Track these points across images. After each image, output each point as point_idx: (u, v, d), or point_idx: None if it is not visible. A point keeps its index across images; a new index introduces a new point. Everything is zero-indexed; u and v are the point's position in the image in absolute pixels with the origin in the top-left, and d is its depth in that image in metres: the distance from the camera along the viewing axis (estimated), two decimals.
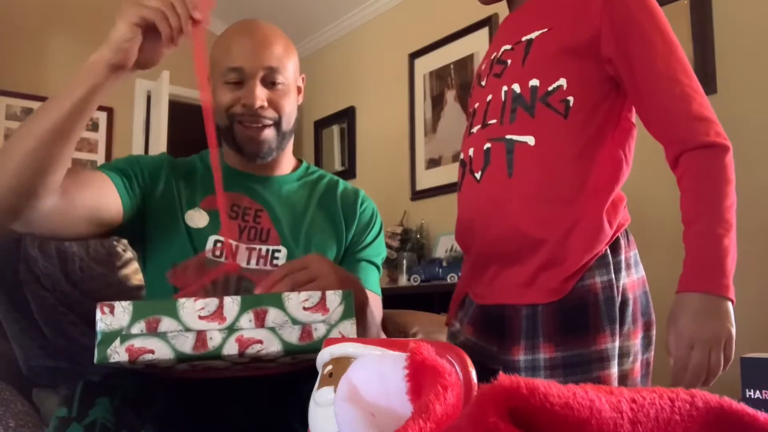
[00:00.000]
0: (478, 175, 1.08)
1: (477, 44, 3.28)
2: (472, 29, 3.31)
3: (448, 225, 3.27)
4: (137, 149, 4.22)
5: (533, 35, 1.06)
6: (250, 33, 1.17)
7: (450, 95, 3.43)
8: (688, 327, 0.88)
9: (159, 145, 3.92)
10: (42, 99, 3.93)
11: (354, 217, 1.23)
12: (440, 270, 2.91)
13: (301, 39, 4.49)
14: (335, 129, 4.26)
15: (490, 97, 1.10)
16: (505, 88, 1.07)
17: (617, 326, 0.97)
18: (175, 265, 1.10)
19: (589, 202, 1.01)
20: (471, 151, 1.11)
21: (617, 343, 0.97)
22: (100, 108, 4.13)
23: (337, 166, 4.19)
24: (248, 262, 1.11)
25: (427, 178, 3.48)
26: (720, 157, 0.95)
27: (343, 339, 0.54)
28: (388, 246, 3.32)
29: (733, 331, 0.88)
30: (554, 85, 1.03)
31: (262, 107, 1.13)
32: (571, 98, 1.02)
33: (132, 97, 4.26)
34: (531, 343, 1.01)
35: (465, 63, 3.35)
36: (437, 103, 3.49)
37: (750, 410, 0.34)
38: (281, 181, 1.23)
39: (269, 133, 1.15)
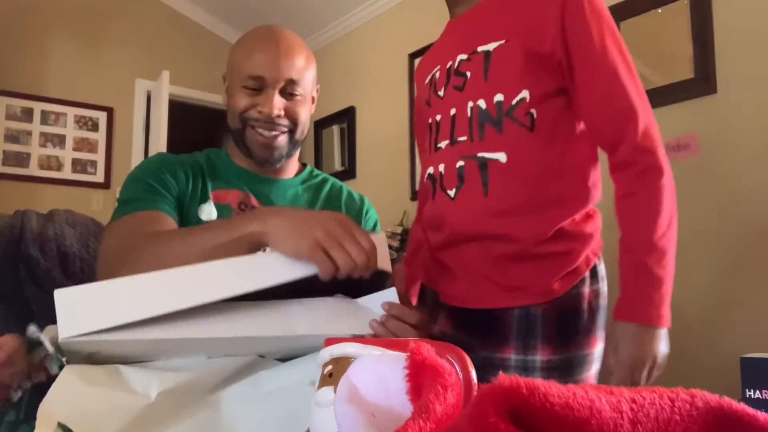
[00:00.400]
0: (451, 193, 1.09)
1: None
2: None
3: None
4: (137, 149, 4.22)
5: (490, 47, 1.06)
6: (274, 43, 1.16)
7: None
8: (627, 352, 0.95)
9: (159, 144, 3.92)
10: (42, 99, 3.93)
11: (359, 224, 1.24)
12: None
13: (302, 39, 4.49)
14: (335, 129, 4.26)
15: (453, 111, 1.10)
16: (470, 104, 1.07)
17: (602, 331, 1.04)
18: None
19: (568, 212, 1.04)
20: (441, 168, 1.11)
21: (601, 347, 1.03)
22: (100, 108, 4.14)
23: (337, 166, 4.19)
24: None
25: None
26: (653, 182, 0.97)
27: (343, 339, 0.54)
28: (389, 246, 3.32)
29: (666, 350, 0.96)
30: (517, 98, 1.03)
31: (278, 116, 1.14)
32: (534, 111, 1.03)
33: (132, 96, 4.26)
34: (524, 344, 1.03)
35: None
36: None
37: (750, 410, 0.34)
38: (287, 184, 1.24)
39: (282, 140, 1.16)
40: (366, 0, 3.97)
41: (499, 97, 1.04)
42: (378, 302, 0.87)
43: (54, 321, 0.77)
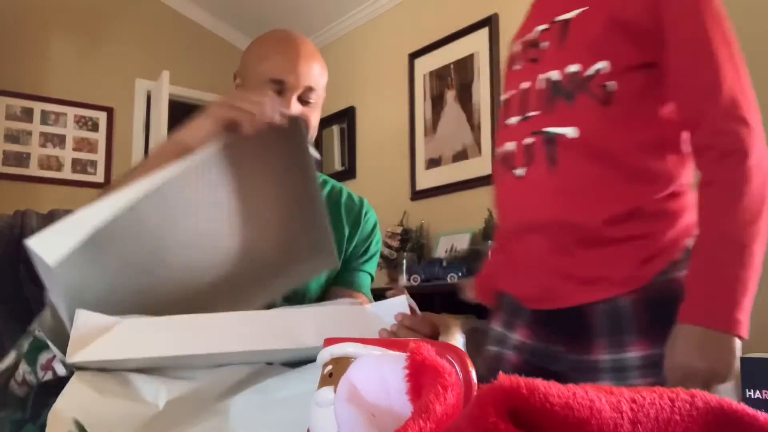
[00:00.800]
0: (520, 172, 1.01)
1: (477, 44, 3.28)
2: (472, 29, 3.31)
3: (448, 225, 3.27)
4: (137, 149, 4.22)
5: (570, 15, 0.99)
6: (295, 48, 1.18)
7: (450, 95, 3.43)
8: (682, 359, 0.84)
9: None
10: (42, 99, 3.93)
11: (358, 225, 1.25)
12: (440, 270, 2.91)
13: None
14: (335, 129, 4.26)
15: (527, 84, 1.03)
16: (542, 75, 1.00)
17: None
18: None
19: (645, 192, 0.94)
20: (511, 145, 1.04)
21: None
22: (100, 108, 4.14)
23: (337, 166, 4.19)
24: None
25: (427, 178, 3.48)
26: (735, 167, 0.86)
27: (343, 339, 0.53)
28: (389, 246, 3.32)
29: (735, 363, 0.84)
30: (594, 68, 0.95)
31: None
32: (612, 83, 0.94)
33: (132, 96, 4.25)
34: (614, 342, 0.93)
35: (465, 63, 3.35)
36: (437, 103, 3.49)
37: (750, 410, 0.34)
38: None
39: None
40: (366, 0, 3.97)
41: (573, 67, 0.97)
42: (386, 310, 0.87)
43: (43, 290, 0.78)
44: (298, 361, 0.81)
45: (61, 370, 0.73)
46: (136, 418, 0.67)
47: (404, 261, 3.16)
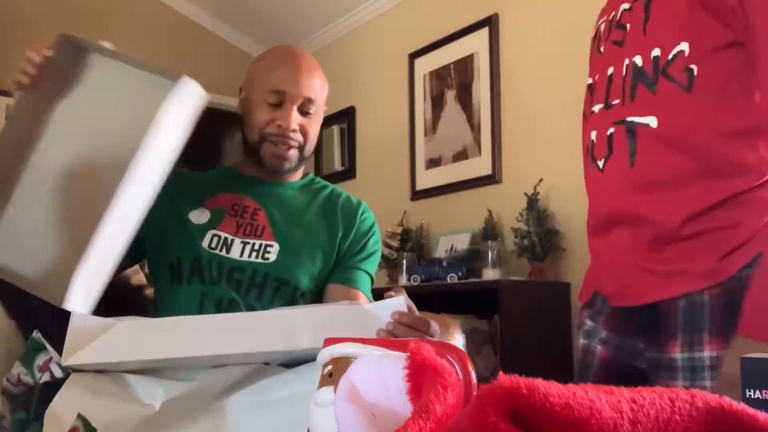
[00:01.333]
0: (600, 164, 0.98)
1: (477, 44, 3.28)
2: (472, 29, 3.30)
3: (448, 225, 3.27)
4: None
5: None
6: (297, 61, 1.26)
7: (450, 95, 3.42)
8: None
9: None
10: None
11: (353, 223, 1.29)
12: (440, 270, 2.91)
13: (301, 39, 4.48)
14: (335, 129, 4.26)
15: (611, 70, 0.97)
16: (626, 60, 0.93)
17: None
18: (175, 259, 1.18)
19: (732, 184, 0.87)
20: (594, 135, 1.00)
21: None
22: None
23: (337, 166, 4.19)
24: (241, 255, 1.19)
25: (427, 178, 3.48)
26: None
27: (343, 339, 0.53)
28: (388, 246, 3.32)
29: None
30: (674, 52, 0.88)
31: (294, 131, 1.23)
32: (694, 66, 0.87)
33: None
34: (690, 339, 0.88)
35: (465, 63, 3.35)
36: (437, 103, 3.49)
37: (750, 410, 0.34)
38: (285, 186, 1.31)
39: (293, 154, 1.25)
40: (366, 0, 3.97)
41: (656, 51, 0.90)
42: (385, 310, 0.87)
43: (54, 318, 0.78)
44: (295, 362, 0.81)
45: (58, 372, 0.73)
46: (132, 418, 0.67)
47: (404, 261, 3.16)
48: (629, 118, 0.92)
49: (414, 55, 3.66)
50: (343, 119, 4.18)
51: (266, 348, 0.77)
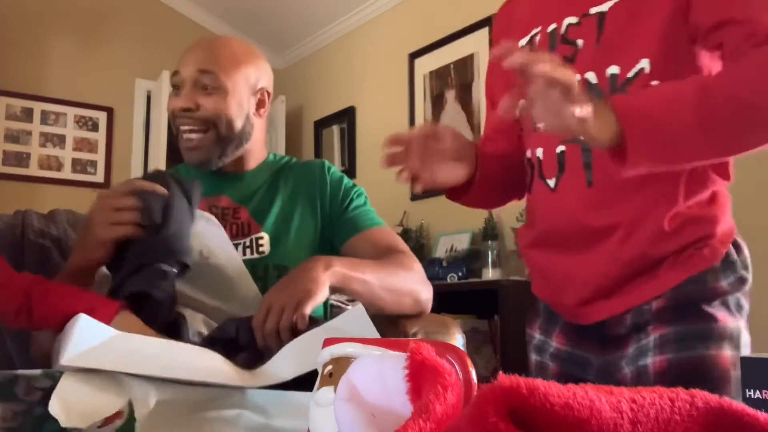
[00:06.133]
0: (551, 183, 0.94)
1: (477, 44, 3.28)
2: (472, 29, 3.30)
3: (447, 225, 3.27)
4: (137, 149, 4.21)
5: (605, 6, 0.88)
6: (198, 42, 1.20)
7: (450, 95, 3.42)
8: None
9: (159, 145, 3.92)
10: (42, 99, 3.93)
11: (324, 181, 1.26)
12: (440, 270, 2.91)
13: (301, 39, 4.49)
14: (335, 129, 4.26)
15: None
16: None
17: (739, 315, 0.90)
18: None
19: (685, 197, 0.86)
20: (539, 152, 0.96)
21: (736, 325, 0.89)
22: (100, 108, 4.13)
23: (337, 166, 4.19)
24: None
25: None
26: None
27: (343, 339, 0.53)
28: None
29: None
30: (634, 70, 0.85)
31: (189, 110, 1.13)
32: (656, 83, 0.84)
33: (132, 97, 4.25)
34: (637, 337, 0.91)
35: (465, 63, 3.35)
36: (437, 103, 3.49)
37: (750, 410, 0.34)
38: (252, 175, 1.26)
39: (205, 142, 1.16)
40: (366, 0, 3.97)
41: (613, 69, 0.87)
42: (347, 322, 0.89)
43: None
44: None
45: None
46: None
47: None
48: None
49: (414, 55, 3.66)
50: (343, 119, 4.18)
51: (251, 383, 0.77)
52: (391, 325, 1.17)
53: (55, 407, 0.64)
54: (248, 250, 1.18)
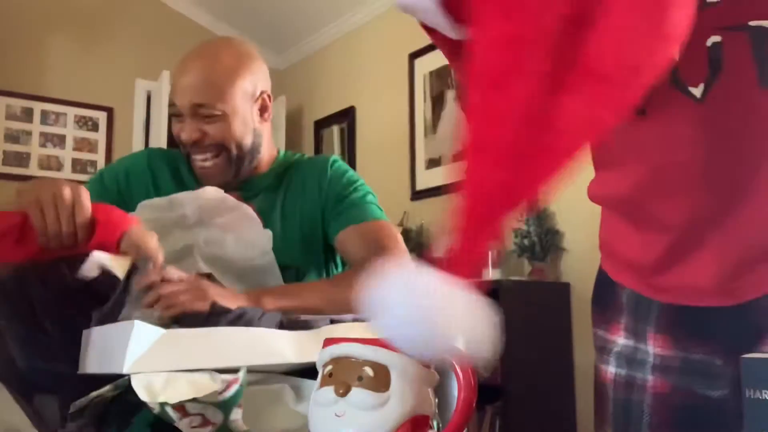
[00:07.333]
0: (697, 91, 0.64)
1: None
2: None
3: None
4: (137, 149, 4.20)
5: None
6: (183, 66, 1.15)
7: (450, 95, 3.43)
8: None
9: (159, 145, 3.92)
10: (42, 99, 3.93)
11: (325, 175, 1.26)
12: None
13: (301, 39, 4.48)
14: (335, 129, 4.26)
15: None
16: None
17: None
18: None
19: None
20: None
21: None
22: (100, 108, 4.13)
23: None
24: None
25: (427, 178, 3.48)
26: None
27: (343, 339, 0.53)
28: None
29: None
30: None
31: (196, 142, 1.14)
32: None
33: (132, 97, 4.25)
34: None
35: None
36: (437, 103, 3.49)
37: None
38: (262, 177, 1.26)
39: (219, 165, 1.16)
40: (366, 0, 3.97)
41: None
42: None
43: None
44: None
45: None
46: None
47: None
48: (754, 22, 0.60)
49: (414, 55, 3.65)
50: (343, 119, 4.18)
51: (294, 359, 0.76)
52: None
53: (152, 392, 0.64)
54: None
